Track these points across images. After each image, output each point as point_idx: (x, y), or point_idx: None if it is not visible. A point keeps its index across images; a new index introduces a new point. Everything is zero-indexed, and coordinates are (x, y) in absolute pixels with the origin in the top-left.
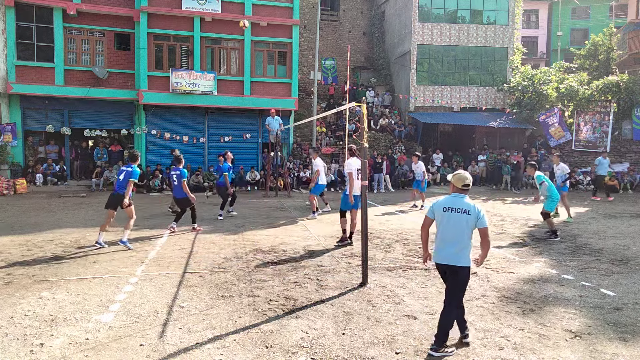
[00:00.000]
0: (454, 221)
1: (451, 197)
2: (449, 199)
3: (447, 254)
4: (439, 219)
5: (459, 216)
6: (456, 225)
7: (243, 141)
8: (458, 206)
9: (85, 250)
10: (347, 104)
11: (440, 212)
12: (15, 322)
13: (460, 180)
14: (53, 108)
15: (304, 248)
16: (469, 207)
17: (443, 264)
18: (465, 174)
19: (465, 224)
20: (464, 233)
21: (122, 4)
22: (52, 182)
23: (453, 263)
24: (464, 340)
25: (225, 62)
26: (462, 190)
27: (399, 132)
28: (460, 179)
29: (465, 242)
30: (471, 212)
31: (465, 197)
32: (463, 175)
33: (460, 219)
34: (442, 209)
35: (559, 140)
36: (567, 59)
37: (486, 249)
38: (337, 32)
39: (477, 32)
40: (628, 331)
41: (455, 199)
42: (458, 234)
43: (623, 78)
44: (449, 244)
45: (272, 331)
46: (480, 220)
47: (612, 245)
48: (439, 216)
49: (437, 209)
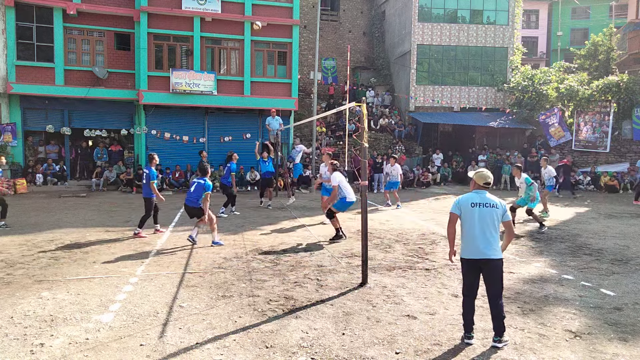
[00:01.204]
0: (483, 216)
1: (475, 193)
2: (473, 195)
3: (481, 248)
4: (467, 215)
5: (489, 210)
6: (486, 219)
7: (243, 141)
8: (486, 201)
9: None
10: (347, 104)
11: (468, 207)
12: (15, 322)
13: (482, 178)
14: (53, 108)
15: (304, 248)
16: (495, 202)
17: (477, 259)
18: (487, 173)
19: (495, 217)
20: (494, 226)
21: (122, 4)
22: (52, 182)
23: (488, 256)
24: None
25: (225, 62)
26: (484, 187)
27: (399, 132)
28: (482, 177)
29: (495, 235)
30: (498, 206)
31: (487, 193)
32: (485, 173)
33: (490, 213)
34: (470, 204)
35: (559, 140)
36: (567, 59)
37: (510, 237)
38: (337, 32)
39: (477, 32)
40: (628, 331)
41: (480, 195)
42: (489, 228)
43: (623, 78)
44: (481, 238)
45: (272, 331)
46: (506, 214)
47: (612, 245)
48: (466, 212)
49: (464, 205)
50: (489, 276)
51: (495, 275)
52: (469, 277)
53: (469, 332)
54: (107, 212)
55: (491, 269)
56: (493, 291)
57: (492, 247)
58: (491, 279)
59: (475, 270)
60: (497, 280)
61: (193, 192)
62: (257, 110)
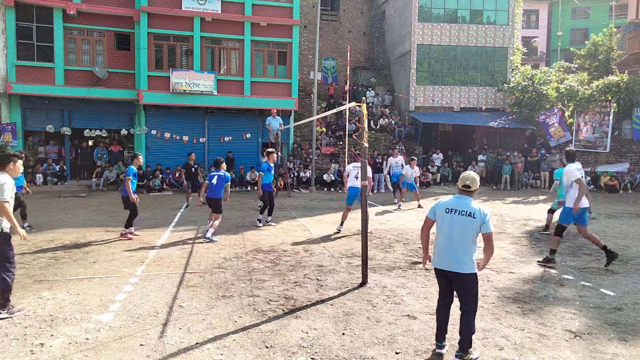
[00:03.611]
0: (456, 224)
1: (455, 198)
2: (452, 200)
3: (448, 259)
4: (439, 221)
5: (463, 219)
6: (458, 229)
7: (243, 141)
8: (462, 208)
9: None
10: (347, 104)
11: (442, 213)
12: (15, 322)
13: (461, 180)
14: (53, 108)
15: (304, 248)
16: (474, 210)
17: (444, 270)
18: (468, 175)
19: (469, 227)
20: (467, 237)
21: (122, 4)
22: (52, 182)
23: (456, 270)
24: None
25: (225, 62)
26: (464, 192)
27: (399, 132)
28: (462, 179)
29: (468, 247)
30: (476, 215)
31: (471, 200)
32: (465, 175)
33: (464, 222)
34: (445, 210)
35: (559, 140)
36: (567, 59)
37: (489, 253)
38: (337, 32)
39: (477, 32)
40: (628, 331)
41: (459, 201)
42: (460, 238)
43: (623, 78)
44: (450, 248)
45: (272, 331)
46: (485, 225)
47: (612, 246)
48: (439, 217)
49: (439, 210)
50: (458, 290)
51: (465, 289)
52: (441, 285)
53: (439, 340)
54: (107, 212)
55: (459, 283)
56: (463, 306)
57: (459, 259)
58: (460, 293)
59: (445, 279)
60: (468, 295)
61: (216, 185)
62: (257, 110)
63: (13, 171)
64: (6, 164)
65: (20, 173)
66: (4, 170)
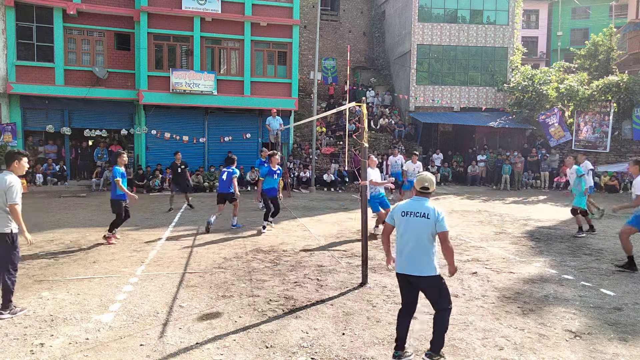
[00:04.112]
0: (412, 226)
1: (412, 200)
2: (410, 202)
3: (407, 263)
4: (397, 225)
5: (418, 220)
6: (415, 230)
7: (243, 141)
8: (417, 210)
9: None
10: (347, 104)
11: (399, 217)
12: (15, 322)
13: (419, 182)
14: (53, 108)
15: (304, 248)
16: (428, 211)
17: (405, 274)
18: (426, 176)
19: (424, 228)
20: (424, 238)
21: (122, 4)
22: (52, 182)
23: (417, 273)
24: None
25: (225, 62)
26: (422, 194)
27: (399, 132)
28: (420, 181)
29: (426, 249)
30: (430, 215)
31: (427, 201)
32: (423, 177)
33: (419, 224)
34: (401, 213)
35: (559, 140)
36: (567, 59)
37: (450, 255)
38: (337, 32)
39: (477, 32)
40: (628, 331)
41: (415, 203)
42: (417, 240)
43: (623, 78)
44: (407, 251)
45: (272, 331)
46: (439, 224)
47: (612, 245)
48: (397, 221)
49: (396, 214)
50: (426, 294)
51: (432, 292)
52: (403, 292)
53: (398, 349)
54: (107, 212)
55: (425, 287)
56: (436, 306)
57: (419, 262)
58: (429, 296)
59: (408, 284)
60: (437, 296)
61: (225, 180)
62: (257, 110)
63: (18, 169)
64: (12, 162)
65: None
66: (9, 169)
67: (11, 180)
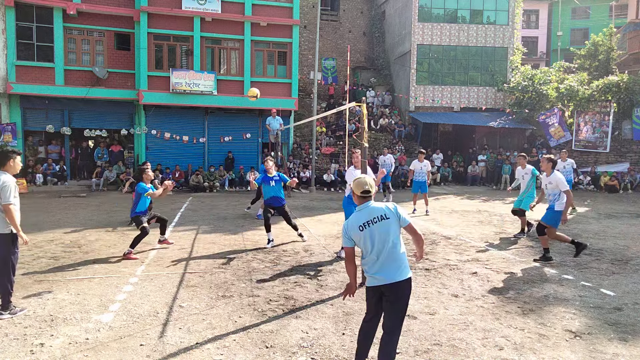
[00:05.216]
0: (379, 233)
1: (358, 212)
2: (358, 215)
3: (389, 272)
4: (360, 242)
5: (381, 225)
6: (384, 236)
7: (243, 141)
8: (373, 216)
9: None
10: (347, 104)
11: (358, 232)
12: (15, 322)
13: (359, 186)
14: (53, 108)
15: (304, 248)
16: (382, 212)
17: (385, 285)
18: (364, 179)
19: (392, 229)
20: (395, 240)
21: (122, 4)
22: (52, 182)
23: (399, 278)
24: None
25: (225, 62)
26: (366, 198)
27: (399, 132)
28: (360, 184)
29: (398, 250)
30: (388, 214)
31: (372, 202)
32: (361, 180)
33: (384, 228)
34: (359, 228)
35: (559, 140)
36: (567, 59)
37: (420, 242)
38: (337, 32)
39: (477, 32)
40: (628, 331)
41: (366, 210)
42: (392, 244)
43: (623, 78)
44: (384, 260)
45: (272, 331)
46: (402, 219)
47: (612, 245)
48: (358, 239)
49: (353, 232)
50: (390, 301)
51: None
52: (369, 304)
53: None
54: (107, 212)
55: (393, 293)
56: (390, 322)
57: (397, 266)
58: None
59: (377, 295)
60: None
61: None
62: (257, 110)
63: (13, 168)
64: (6, 162)
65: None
66: (4, 169)
67: (5, 180)
